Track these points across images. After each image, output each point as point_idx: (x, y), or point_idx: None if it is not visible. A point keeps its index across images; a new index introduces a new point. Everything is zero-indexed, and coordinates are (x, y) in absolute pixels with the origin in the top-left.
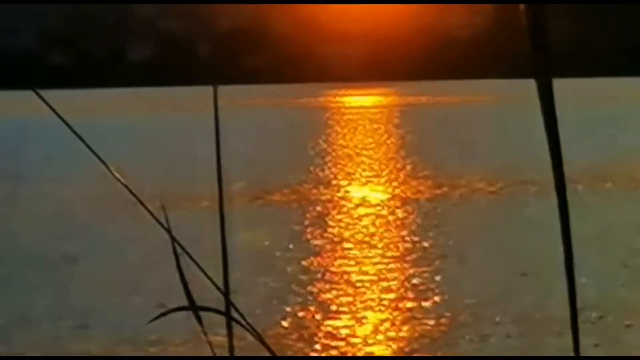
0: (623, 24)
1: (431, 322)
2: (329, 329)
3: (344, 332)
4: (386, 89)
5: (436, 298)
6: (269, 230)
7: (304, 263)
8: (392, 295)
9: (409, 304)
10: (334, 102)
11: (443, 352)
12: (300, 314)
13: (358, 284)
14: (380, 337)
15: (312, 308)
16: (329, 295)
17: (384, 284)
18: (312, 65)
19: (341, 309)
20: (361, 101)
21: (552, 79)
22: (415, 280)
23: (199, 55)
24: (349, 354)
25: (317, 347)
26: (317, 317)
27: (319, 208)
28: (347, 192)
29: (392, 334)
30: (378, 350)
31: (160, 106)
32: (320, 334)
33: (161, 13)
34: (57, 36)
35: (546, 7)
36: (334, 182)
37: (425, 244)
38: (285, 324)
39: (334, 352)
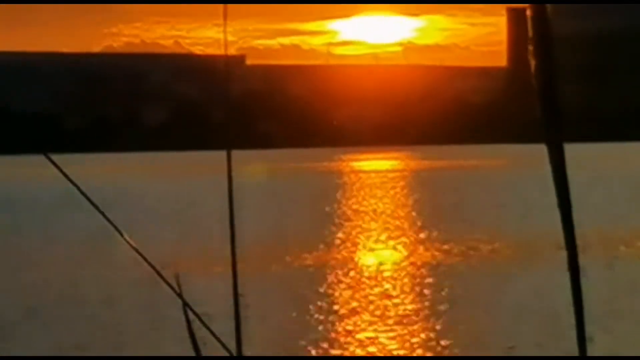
0: (633, 88)
1: None
2: None
3: None
4: (400, 153)
5: None
6: (282, 294)
7: (318, 327)
8: None
9: None
10: (347, 166)
11: None
12: None
13: (371, 350)
14: None
15: None
16: None
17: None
18: (326, 129)
19: None
20: (375, 165)
21: (563, 143)
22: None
23: (213, 119)
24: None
25: None
26: None
27: (332, 272)
28: (360, 256)
29: None
30: None
31: (175, 170)
32: None
33: (175, 77)
34: (71, 100)
35: (558, 71)
36: (348, 246)
37: (440, 308)
38: None
39: None
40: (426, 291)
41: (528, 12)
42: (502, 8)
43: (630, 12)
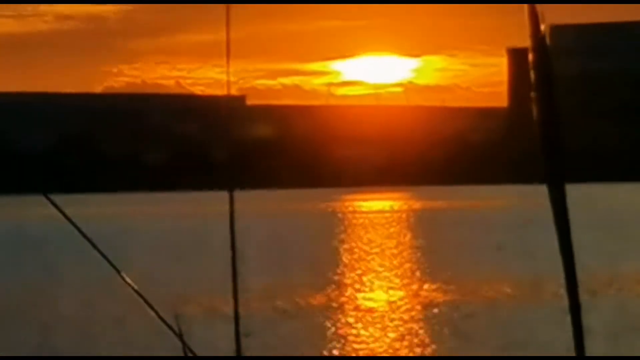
0: (635, 129)
1: None
2: None
3: None
4: (401, 193)
5: None
6: (285, 333)
7: None
8: None
9: None
10: (349, 207)
11: None
12: None
13: None
14: None
15: None
16: None
17: None
18: (328, 169)
19: None
20: (376, 205)
21: (564, 185)
22: None
23: (215, 159)
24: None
25: None
26: None
27: (334, 312)
28: (360, 296)
29: None
30: None
31: (180, 210)
32: None
33: (176, 118)
34: (73, 140)
35: (560, 113)
36: (349, 286)
37: (440, 351)
38: None
39: None
40: (426, 332)
41: (530, 56)
42: (502, 48)
43: (632, 52)
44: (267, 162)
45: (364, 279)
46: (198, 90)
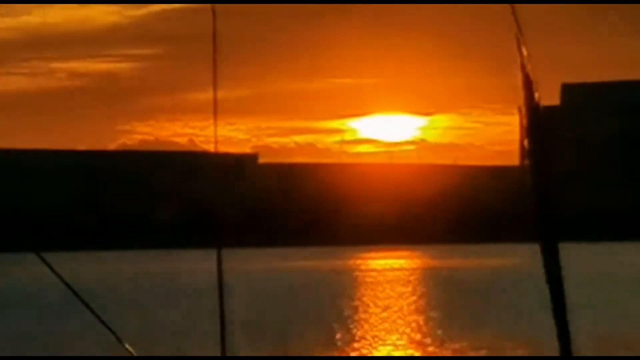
0: (629, 188)
1: None
2: None
3: None
4: (414, 251)
5: None
6: None
7: None
8: None
9: None
10: (357, 265)
11: None
12: None
13: None
14: None
15: None
16: None
17: None
18: (340, 227)
19: None
20: (388, 263)
21: (558, 243)
22: None
23: (223, 217)
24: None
25: None
26: None
27: None
28: (371, 355)
29: None
30: None
31: (182, 268)
32: None
33: (184, 177)
34: (83, 198)
35: (554, 172)
36: (358, 345)
37: None
38: None
39: None
40: None
41: (524, 121)
42: (514, 106)
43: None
44: (279, 220)
45: (375, 337)
46: (210, 147)
